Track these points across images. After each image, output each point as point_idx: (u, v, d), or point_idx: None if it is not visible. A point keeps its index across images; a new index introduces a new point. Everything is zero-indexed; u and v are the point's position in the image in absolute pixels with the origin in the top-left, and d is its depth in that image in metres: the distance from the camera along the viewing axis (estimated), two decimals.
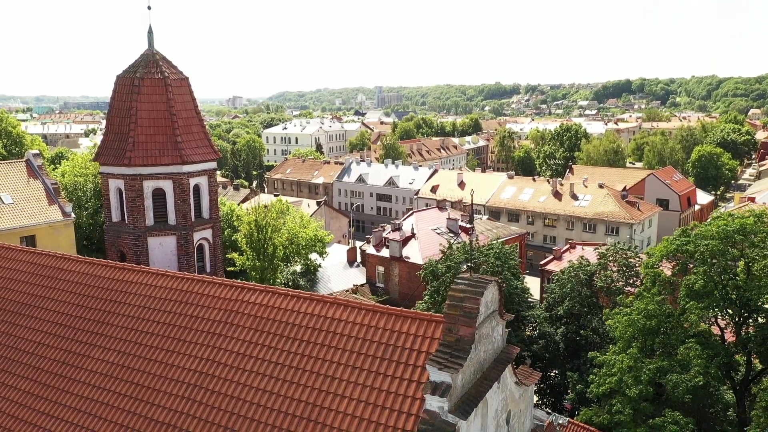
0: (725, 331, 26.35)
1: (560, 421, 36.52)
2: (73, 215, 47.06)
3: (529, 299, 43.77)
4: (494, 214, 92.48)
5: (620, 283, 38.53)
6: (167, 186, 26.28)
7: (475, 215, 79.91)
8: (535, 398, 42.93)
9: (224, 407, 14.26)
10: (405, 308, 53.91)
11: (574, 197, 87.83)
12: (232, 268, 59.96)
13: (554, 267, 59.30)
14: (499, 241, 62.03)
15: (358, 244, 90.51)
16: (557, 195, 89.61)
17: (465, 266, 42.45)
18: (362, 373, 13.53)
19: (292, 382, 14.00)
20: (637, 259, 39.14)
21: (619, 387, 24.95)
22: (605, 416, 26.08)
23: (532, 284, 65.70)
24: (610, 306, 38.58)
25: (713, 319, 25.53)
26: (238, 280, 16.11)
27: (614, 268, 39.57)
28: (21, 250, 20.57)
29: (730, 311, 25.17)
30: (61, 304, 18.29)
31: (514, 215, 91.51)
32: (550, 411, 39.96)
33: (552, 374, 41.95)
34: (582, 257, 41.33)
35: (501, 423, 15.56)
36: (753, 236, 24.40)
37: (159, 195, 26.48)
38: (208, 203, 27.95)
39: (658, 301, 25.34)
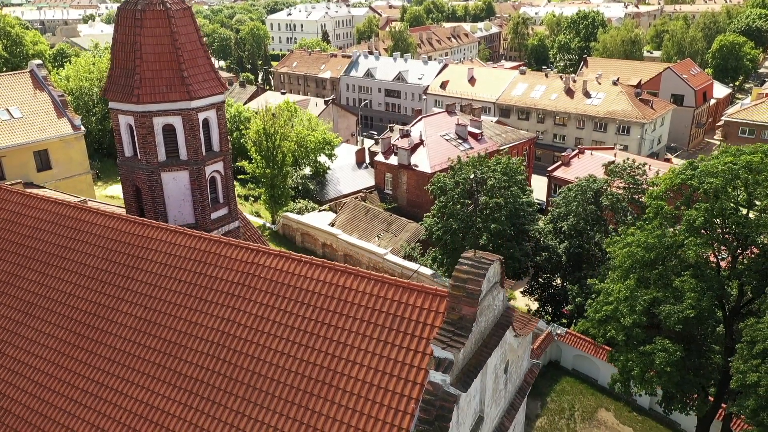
0: (721, 259, 27.22)
1: (558, 332, 38.80)
2: (82, 128, 47.16)
3: (536, 202, 44.52)
4: (504, 112, 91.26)
5: (625, 201, 39.10)
6: (177, 122, 26.34)
7: (483, 116, 79.04)
8: (536, 305, 45.08)
9: (246, 366, 15.63)
10: (412, 216, 54.11)
11: (587, 95, 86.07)
12: (242, 176, 60.81)
13: (562, 173, 59.65)
14: (507, 147, 62.03)
15: (367, 143, 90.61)
16: (569, 92, 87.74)
17: (473, 174, 43.05)
18: (371, 342, 14.67)
19: (307, 347, 15.23)
20: (644, 177, 39.44)
21: (615, 314, 26.30)
22: (600, 339, 27.85)
23: (540, 185, 66.32)
24: (615, 222, 39.45)
25: (710, 251, 26.31)
26: (253, 245, 16.89)
27: (621, 184, 40.03)
28: (46, 199, 21.30)
29: (727, 243, 25.91)
30: (88, 257, 19.32)
31: (524, 113, 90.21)
32: (549, 319, 42.15)
33: (554, 283, 43.65)
34: (590, 175, 41.53)
35: (500, 374, 16.96)
36: (758, 174, 24.62)
37: (169, 131, 26.62)
38: (217, 136, 28.10)
39: (658, 235, 26.03)
